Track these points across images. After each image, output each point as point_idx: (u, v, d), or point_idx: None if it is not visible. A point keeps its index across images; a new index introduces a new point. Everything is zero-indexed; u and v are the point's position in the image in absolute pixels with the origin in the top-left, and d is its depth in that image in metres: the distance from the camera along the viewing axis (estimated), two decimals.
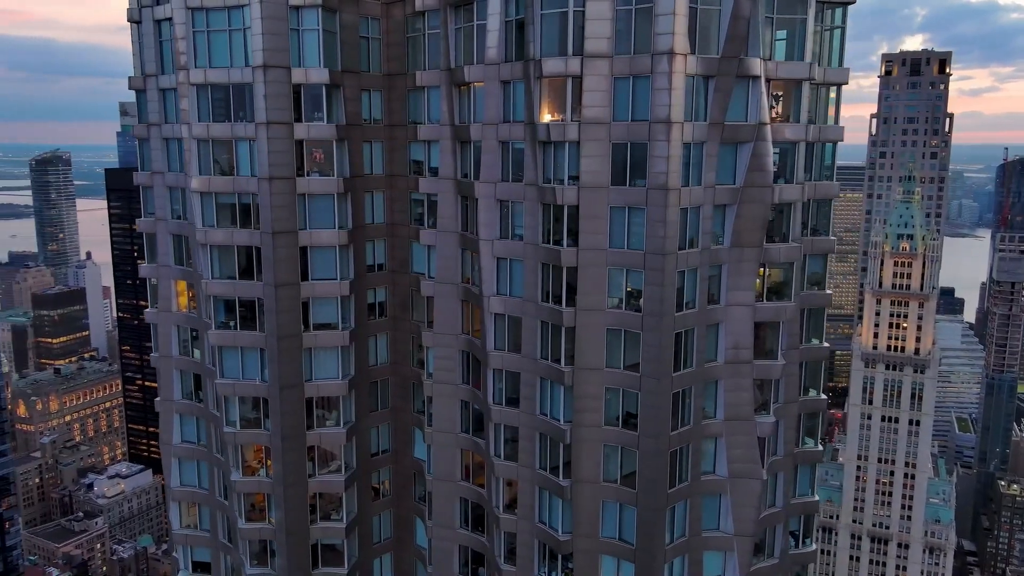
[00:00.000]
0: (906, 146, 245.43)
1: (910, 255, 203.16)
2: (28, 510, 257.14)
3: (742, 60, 37.95)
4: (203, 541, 53.62)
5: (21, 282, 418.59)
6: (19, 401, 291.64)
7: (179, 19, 44.97)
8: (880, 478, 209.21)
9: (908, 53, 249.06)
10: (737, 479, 42.02)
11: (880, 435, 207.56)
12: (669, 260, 37.91)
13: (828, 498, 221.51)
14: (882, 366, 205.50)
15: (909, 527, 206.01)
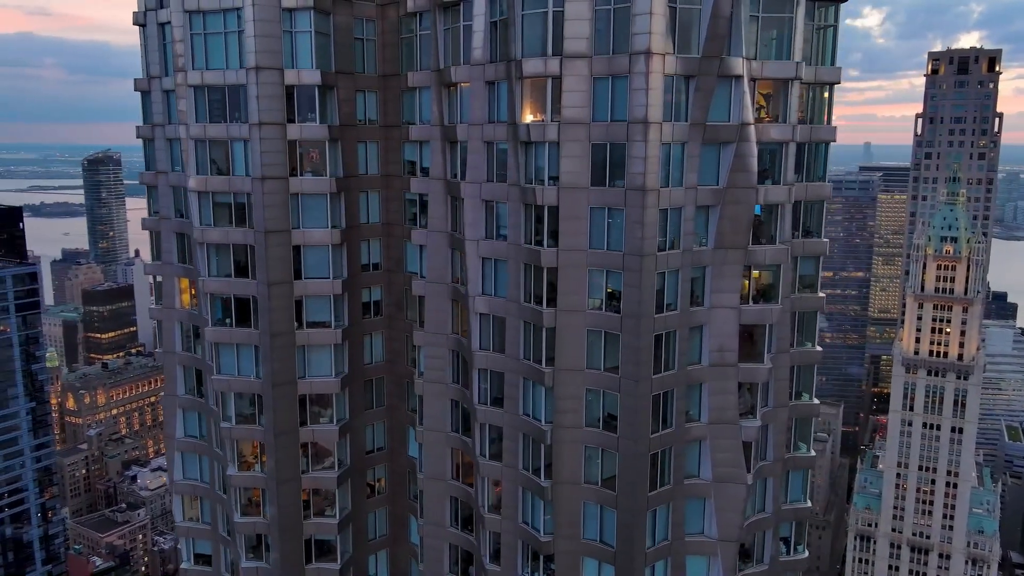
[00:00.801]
0: (953, 147, 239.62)
1: (953, 258, 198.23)
2: (75, 500, 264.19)
3: (723, 60, 37.52)
4: (204, 534, 54.70)
5: (73, 278, 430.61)
6: (68, 394, 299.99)
7: (177, 22, 45.94)
8: (921, 486, 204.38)
9: (956, 51, 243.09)
10: (721, 483, 41.55)
11: (921, 442, 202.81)
12: (647, 261, 37.64)
13: (867, 506, 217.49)
14: (924, 372, 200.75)
15: (951, 537, 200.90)
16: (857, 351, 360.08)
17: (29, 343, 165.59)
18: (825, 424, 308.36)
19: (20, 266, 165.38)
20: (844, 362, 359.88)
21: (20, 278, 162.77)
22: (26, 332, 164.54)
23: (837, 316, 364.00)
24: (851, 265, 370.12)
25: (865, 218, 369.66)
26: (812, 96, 42.83)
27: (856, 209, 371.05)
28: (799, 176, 42.55)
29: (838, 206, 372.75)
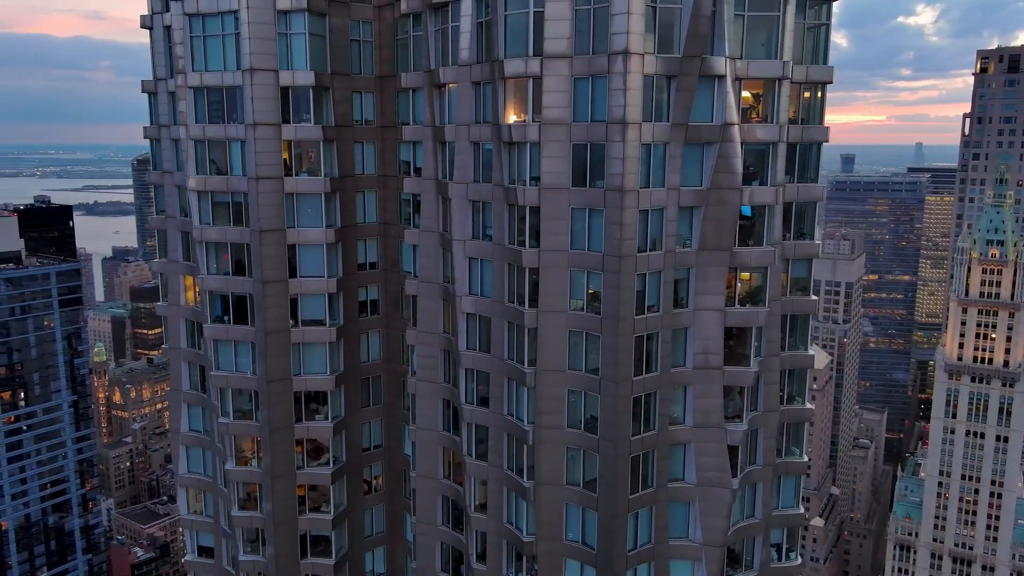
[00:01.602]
0: (1001, 147, 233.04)
1: (1000, 262, 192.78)
2: (119, 492, 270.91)
3: (705, 59, 37.13)
4: (207, 527, 55.76)
5: (122, 276, 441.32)
6: (115, 388, 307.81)
7: (177, 25, 46.93)
8: (964, 496, 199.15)
9: (1006, 49, 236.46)
10: (706, 487, 41.09)
11: (964, 450, 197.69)
12: (626, 262, 37.43)
13: (907, 514, 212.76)
14: (967, 378, 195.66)
15: (995, 549, 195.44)
16: (903, 356, 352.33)
17: (72, 338, 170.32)
18: (868, 430, 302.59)
19: (64, 263, 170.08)
20: (889, 367, 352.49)
21: (64, 275, 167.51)
22: (69, 327, 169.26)
23: (882, 320, 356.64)
24: (898, 268, 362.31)
25: (912, 220, 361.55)
26: (804, 96, 42.23)
27: (903, 211, 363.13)
28: (791, 177, 41.98)
29: (884, 208, 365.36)
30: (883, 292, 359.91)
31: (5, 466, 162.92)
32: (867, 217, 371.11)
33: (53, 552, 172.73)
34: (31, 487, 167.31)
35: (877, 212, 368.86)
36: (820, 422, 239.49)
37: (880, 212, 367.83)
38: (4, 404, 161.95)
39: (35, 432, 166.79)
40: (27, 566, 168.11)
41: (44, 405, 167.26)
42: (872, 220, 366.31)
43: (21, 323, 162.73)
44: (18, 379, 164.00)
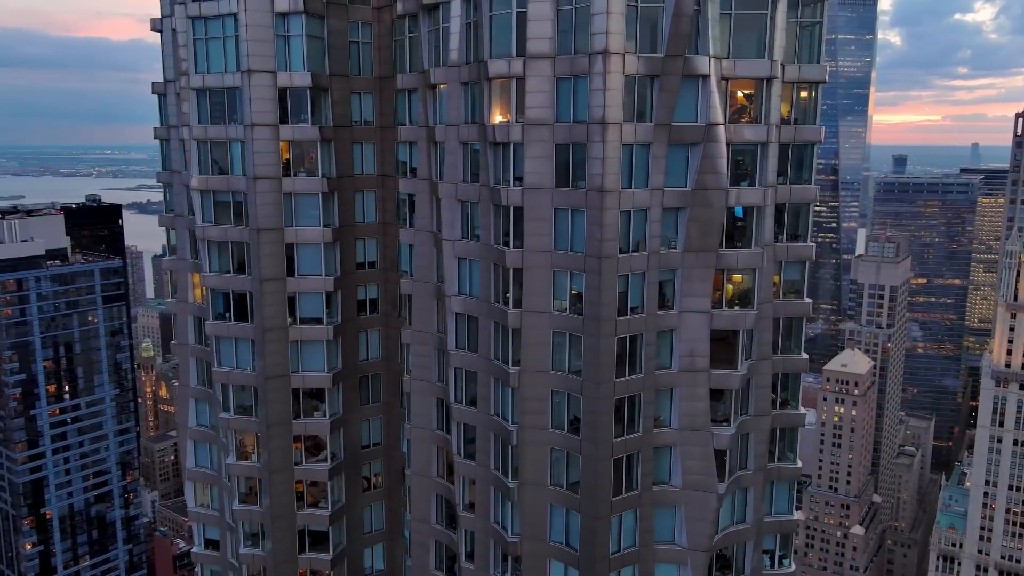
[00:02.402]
0: None
1: None
2: (163, 484, 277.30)
3: (688, 59, 36.75)
4: (213, 520, 56.82)
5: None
6: (162, 383, 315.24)
7: (181, 28, 48.00)
8: (1011, 507, 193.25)
9: None
10: (691, 491, 40.66)
11: (1012, 460, 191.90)
12: (607, 263, 37.23)
13: (951, 525, 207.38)
14: (1016, 385, 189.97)
15: None
16: (952, 362, 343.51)
17: (115, 333, 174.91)
18: (914, 437, 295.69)
19: (107, 260, 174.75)
20: (938, 373, 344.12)
21: (107, 272, 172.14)
22: (112, 323, 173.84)
23: (931, 325, 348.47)
24: (948, 272, 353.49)
25: (964, 223, 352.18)
26: (801, 96, 41.57)
27: (955, 214, 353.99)
28: (784, 178, 41.36)
29: (935, 210, 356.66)
30: (932, 296, 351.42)
31: (50, 457, 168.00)
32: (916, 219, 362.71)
33: (95, 542, 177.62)
34: (75, 478, 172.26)
35: (927, 214, 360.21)
36: (862, 428, 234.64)
37: (931, 214, 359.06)
38: (50, 397, 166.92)
39: (79, 424, 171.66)
40: (70, 554, 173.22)
41: (88, 398, 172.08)
42: (922, 222, 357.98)
43: (67, 318, 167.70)
44: (63, 373, 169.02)
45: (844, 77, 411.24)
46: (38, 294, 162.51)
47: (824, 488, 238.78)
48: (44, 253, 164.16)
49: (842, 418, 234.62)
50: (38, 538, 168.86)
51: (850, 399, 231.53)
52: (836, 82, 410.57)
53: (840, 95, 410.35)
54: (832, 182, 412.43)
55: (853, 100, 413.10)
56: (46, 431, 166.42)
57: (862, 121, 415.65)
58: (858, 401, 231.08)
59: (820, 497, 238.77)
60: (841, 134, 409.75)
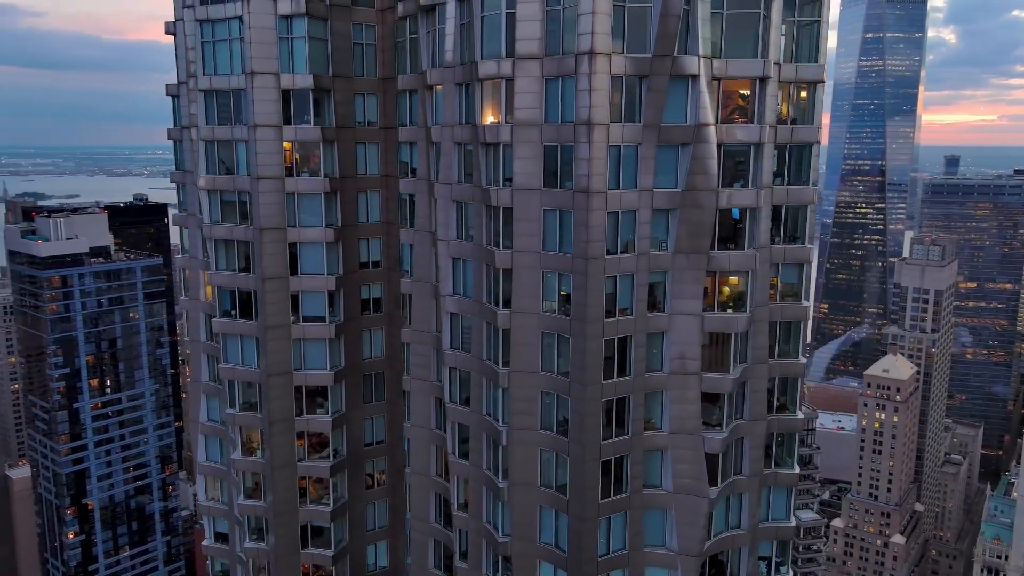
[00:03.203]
0: None
1: None
2: None
3: (676, 59, 36.43)
4: (223, 513, 57.83)
5: None
6: None
7: (189, 31, 49.01)
8: None
9: None
10: (682, 495, 40.27)
11: None
12: (593, 264, 37.08)
13: (996, 536, 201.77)
14: None
15: None
16: (1003, 369, 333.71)
17: (155, 329, 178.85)
18: (962, 446, 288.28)
19: (148, 258, 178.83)
20: (988, 380, 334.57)
21: (149, 269, 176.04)
22: (153, 319, 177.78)
23: (981, 330, 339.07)
24: (1000, 276, 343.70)
25: (1017, 226, 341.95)
26: (801, 96, 40.99)
27: (1007, 216, 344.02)
28: (781, 179, 40.80)
29: (987, 212, 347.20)
30: (983, 301, 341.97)
31: (92, 449, 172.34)
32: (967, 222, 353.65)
33: (135, 533, 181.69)
34: (115, 470, 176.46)
35: (979, 216, 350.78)
36: (904, 435, 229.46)
37: (982, 216, 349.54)
38: (92, 391, 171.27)
39: (120, 418, 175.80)
40: (110, 545, 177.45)
41: (128, 393, 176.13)
42: (972, 225, 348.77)
43: (109, 314, 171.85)
44: (105, 368, 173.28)
45: (892, 76, 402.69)
46: (82, 290, 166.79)
47: (864, 495, 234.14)
48: (88, 251, 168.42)
49: (883, 424, 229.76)
50: (80, 528, 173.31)
51: (891, 405, 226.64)
52: (884, 81, 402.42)
53: (888, 95, 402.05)
54: (879, 183, 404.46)
55: (901, 100, 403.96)
56: (88, 424, 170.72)
57: (911, 121, 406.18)
58: (900, 407, 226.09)
59: (860, 504, 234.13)
60: (888, 135, 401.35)
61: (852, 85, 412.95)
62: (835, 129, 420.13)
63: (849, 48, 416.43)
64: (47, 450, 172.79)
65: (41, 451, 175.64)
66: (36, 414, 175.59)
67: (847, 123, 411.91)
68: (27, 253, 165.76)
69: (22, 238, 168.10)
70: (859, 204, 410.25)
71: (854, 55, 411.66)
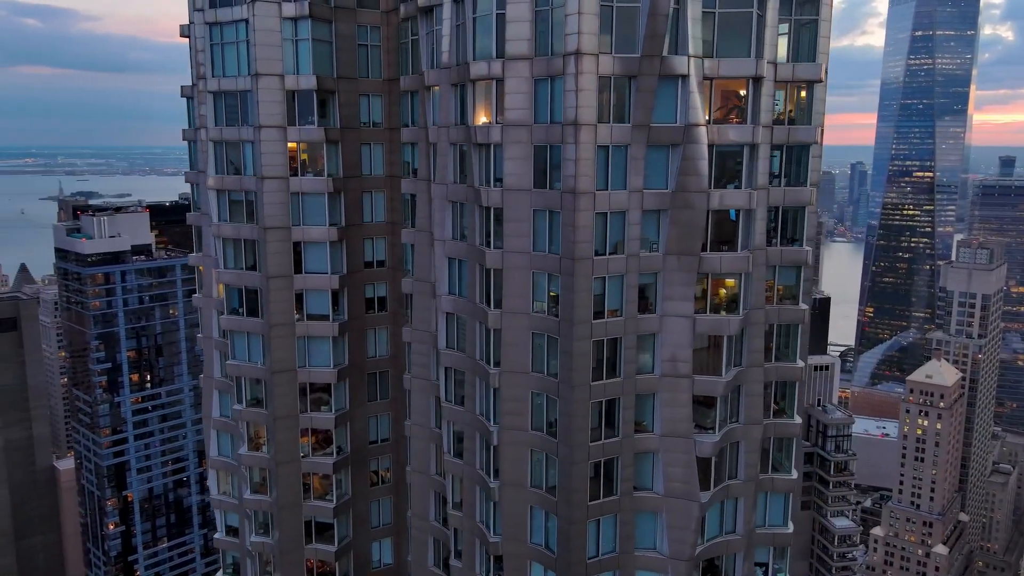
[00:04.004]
0: None
1: None
2: None
3: (664, 59, 36.15)
4: (233, 507, 58.75)
5: None
6: None
7: (199, 34, 49.95)
8: None
9: None
10: (673, 499, 39.92)
11: None
12: (580, 265, 36.98)
13: None
14: None
15: None
16: None
17: (194, 326, 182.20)
18: (1012, 455, 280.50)
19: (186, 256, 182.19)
20: None
21: (189, 267, 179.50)
22: (192, 316, 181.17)
23: None
24: None
25: None
26: (799, 96, 40.43)
27: None
28: (778, 180, 40.25)
29: None
30: None
31: (132, 442, 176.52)
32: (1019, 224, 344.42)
33: (173, 525, 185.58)
34: (154, 463, 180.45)
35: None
36: (947, 442, 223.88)
37: None
38: (132, 385, 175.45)
39: (159, 412, 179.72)
40: (149, 536, 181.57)
41: (168, 388, 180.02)
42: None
43: (149, 311, 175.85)
44: (145, 363, 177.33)
45: (942, 75, 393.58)
46: (123, 287, 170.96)
47: (905, 504, 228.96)
48: (130, 249, 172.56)
49: (926, 431, 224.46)
50: (120, 519, 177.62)
51: (935, 412, 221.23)
52: (933, 80, 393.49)
53: (937, 94, 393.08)
54: (928, 185, 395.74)
55: (952, 99, 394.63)
56: (129, 418, 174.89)
57: (961, 121, 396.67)
58: (943, 414, 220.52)
59: (900, 513, 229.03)
60: (938, 135, 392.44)
61: (900, 84, 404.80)
62: (882, 129, 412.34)
63: (897, 46, 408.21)
64: (89, 442, 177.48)
65: (84, 443, 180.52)
66: (80, 407, 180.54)
67: (894, 123, 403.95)
68: (72, 251, 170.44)
69: (67, 236, 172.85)
70: (907, 206, 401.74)
71: (902, 53, 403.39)
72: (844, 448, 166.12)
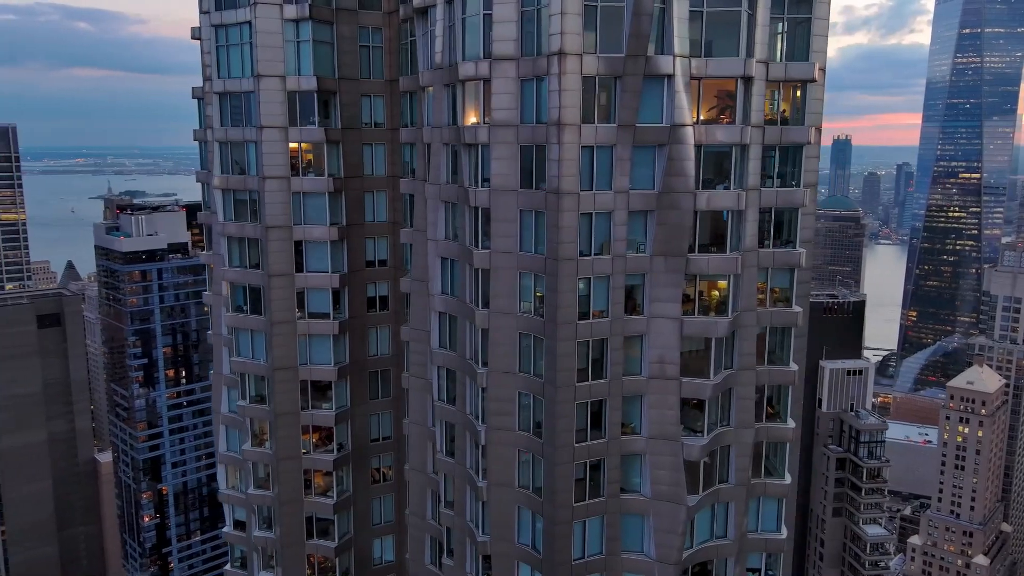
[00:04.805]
0: None
1: None
2: None
3: (649, 58, 35.92)
4: (240, 501, 59.66)
5: None
6: None
7: (206, 36, 50.86)
8: None
9: None
10: (659, 502, 39.63)
11: None
12: (564, 265, 36.91)
13: None
14: None
15: None
16: None
17: None
18: None
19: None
20: None
21: None
22: None
23: None
24: None
25: None
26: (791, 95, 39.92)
27: None
28: (771, 181, 39.76)
29: None
30: None
31: (167, 437, 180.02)
32: None
33: (206, 519, 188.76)
34: (188, 457, 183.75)
35: None
36: (989, 450, 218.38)
37: None
38: (168, 381, 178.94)
39: (193, 408, 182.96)
40: (183, 529, 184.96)
41: (202, 383, 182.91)
42: None
43: (185, 308, 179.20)
44: (180, 359, 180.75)
45: (991, 74, 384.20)
46: (160, 284, 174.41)
47: (944, 513, 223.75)
48: (166, 247, 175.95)
49: (967, 439, 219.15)
50: (155, 511, 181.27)
51: (976, 419, 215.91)
52: (981, 79, 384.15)
53: (985, 93, 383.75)
54: (974, 186, 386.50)
55: (1001, 98, 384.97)
56: (164, 412, 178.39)
57: (1011, 121, 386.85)
58: (985, 421, 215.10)
59: (940, 522, 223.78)
60: (986, 135, 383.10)
61: (946, 83, 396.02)
62: (927, 129, 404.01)
63: (944, 45, 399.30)
64: (126, 436, 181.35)
65: (121, 437, 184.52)
66: (117, 402, 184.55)
67: (940, 123, 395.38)
68: (110, 248, 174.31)
69: (106, 234, 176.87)
70: (952, 208, 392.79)
71: (949, 52, 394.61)
72: (877, 454, 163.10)
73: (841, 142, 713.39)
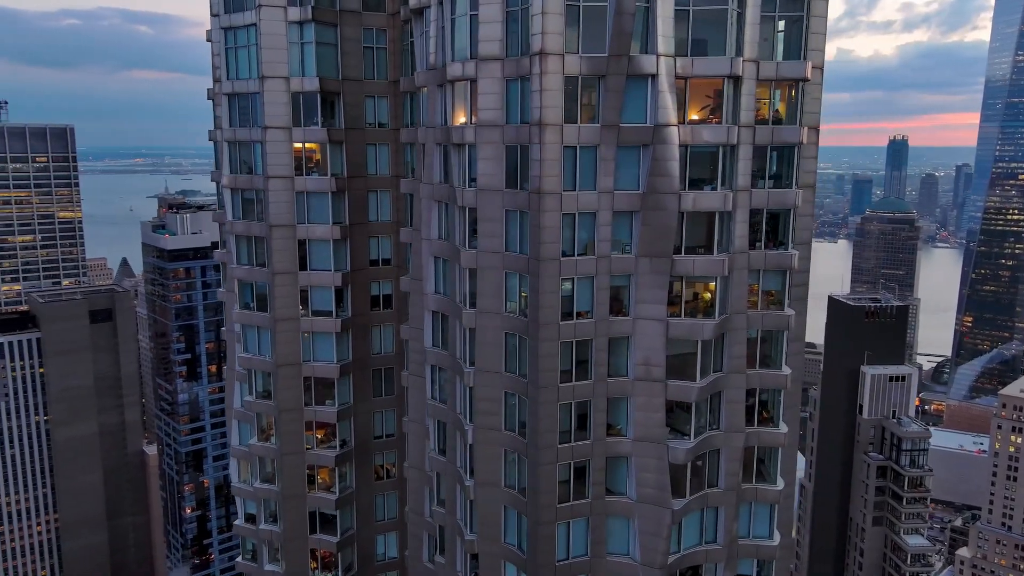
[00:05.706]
0: None
1: None
2: None
3: (632, 58, 35.65)
4: (250, 495, 60.71)
5: None
6: None
7: (215, 38, 51.89)
8: None
9: None
10: (644, 504, 39.29)
11: None
12: (546, 266, 36.84)
13: None
14: None
15: None
16: None
17: None
18: None
19: None
20: None
21: None
22: None
23: None
24: None
25: None
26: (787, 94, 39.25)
27: None
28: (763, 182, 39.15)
29: None
30: None
31: (209, 431, 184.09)
32: None
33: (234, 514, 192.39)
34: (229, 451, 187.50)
35: None
36: None
37: None
38: (210, 376, 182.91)
39: None
40: (223, 521, 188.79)
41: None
42: None
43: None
44: (222, 355, 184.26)
45: None
46: (203, 282, 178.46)
47: (995, 525, 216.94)
48: (210, 244, 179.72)
49: (1019, 449, 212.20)
50: (197, 504, 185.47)
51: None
52: None
53: None
54: None
55: None
56: (206, 407, 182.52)
57: None
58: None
59: (990, 535, 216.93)
60: None
61: (1007, 82, 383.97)
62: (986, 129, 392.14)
63: (1004, 42, 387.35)
64: (170, 429, 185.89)
65: (165, 430, 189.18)
66: (162, 396, 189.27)
67: (999, 123, 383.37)
68: (156, 246, 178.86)
69: (153, 232, 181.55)
70: (1011, 210, 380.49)
71: (1010, 50, 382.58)
72: (920, 463, 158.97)
73: (897, 143, 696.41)
